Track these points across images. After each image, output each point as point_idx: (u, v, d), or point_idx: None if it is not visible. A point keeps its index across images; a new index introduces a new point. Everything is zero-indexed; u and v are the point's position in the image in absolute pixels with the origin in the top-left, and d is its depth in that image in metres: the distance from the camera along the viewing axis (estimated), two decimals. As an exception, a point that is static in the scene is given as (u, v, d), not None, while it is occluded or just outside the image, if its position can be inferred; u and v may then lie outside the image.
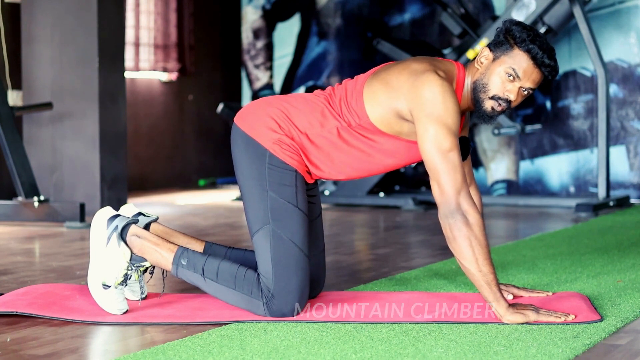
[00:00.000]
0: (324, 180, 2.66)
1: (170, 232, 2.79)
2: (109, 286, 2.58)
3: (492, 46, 2.59)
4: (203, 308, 2.65)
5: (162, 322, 2.52)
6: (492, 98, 2.58)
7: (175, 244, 2.66)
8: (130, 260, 2.61)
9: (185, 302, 2.75)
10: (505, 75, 2.56)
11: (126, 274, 2.61)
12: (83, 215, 4.98)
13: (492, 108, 2.59)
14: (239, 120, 2.68)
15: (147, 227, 2.74)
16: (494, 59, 2.58)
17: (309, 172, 2.67)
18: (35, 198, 5.05)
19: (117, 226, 2.61)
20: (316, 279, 2.78)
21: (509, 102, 2.57)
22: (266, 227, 2.57)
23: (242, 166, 2.63)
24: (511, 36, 2.56)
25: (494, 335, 2.33)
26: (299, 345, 2.25)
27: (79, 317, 2.54)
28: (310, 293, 2.73)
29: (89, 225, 4.79)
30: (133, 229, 2.64)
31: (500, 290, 2.49)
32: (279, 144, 2.60)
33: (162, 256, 2.63)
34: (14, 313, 2.57)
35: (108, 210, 2.66)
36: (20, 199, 5.10)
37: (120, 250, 2.59)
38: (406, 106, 2.55)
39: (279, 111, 2.63)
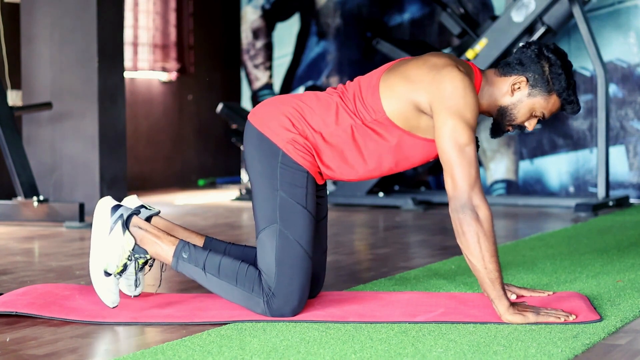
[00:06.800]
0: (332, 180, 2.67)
1: (171, 226, 2.79)
2: (110, 274, 2.58)
3: (530, 79, 2.62)
4: (202, 308, 2.65)
5: (162, 322, 2.52)
6: (512, 125, 2.68)
7: (177, 238, 2.67)
8: (132, 250, 2.61)
9: (184, 302, 2.75)
10: (534, 115, 2.65)
11: (125, 264, 2.60)
12: (82, 215, 4.98)
13: (508, 130, 2.70)
14: (253, 118, 2.67)
15: (148, 220, 2.74)
16: (529, 94, 2.62)
17: (320, 173, 2.67)
18: (35, 198, 5.05)
19: (122, 214, 2.61)
20: (316, 279, 2.78)
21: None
22: (273, 225, 2.57)
23: (254, 164, 2.63)
24: (552, 80, 2.61)
25: (493, 335, 2.33)
26: (299, 345, 2.25)
27: (78, 317, 2.54)
28: (309, 293, 2.73)
29: (89, 225, 4.79)
30: (135, 220, 2.64)
31: (503, 288, 2.49)
32: (292, 143, 2.59)
33: (163, 249, 2.63)
34: (14, 313, 2.56)
35: (110, 200, 2.66)
36: (19, 198, 5.10)
37: (124, 239, 2.60)
38: (426, 99, 2.55)
39: (294, 110, 2.63)
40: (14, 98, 5.82)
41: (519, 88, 2.62)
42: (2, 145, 5.09)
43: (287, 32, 7.90)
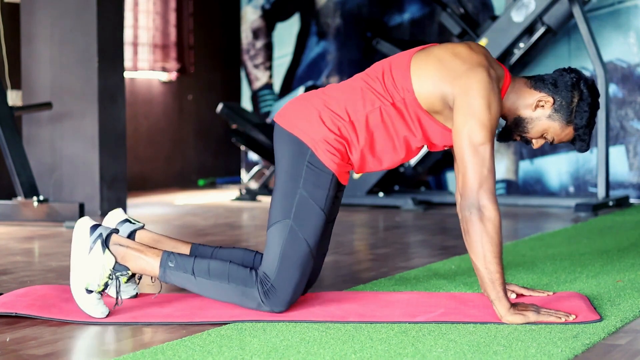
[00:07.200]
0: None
1: (157, 238, 2.80)
2: (92, 291, 2.56)
3: (556, 103, 2.63)
4: (202, 307, 2.65)
5: (162, 322, 2.52)
6: (521, 137, 2.70)
7: (160, 249, 2.66)
8: (113, 268, 2.59)
9: (184, 301, 2.75)
10: (545, 137, 2.68)
11: (106, 283, 2.57)
12: (82, 215, 4.98)
13: (515, 139, 2.72)
14: (280, 119, 2.68)
15: (132, 234, 2.75)
16: (549, 116, 2.64)
17: (347, 172, 2.68)
18: (35, 198, 5.05)
19: (101, 234, 2.59)
20: (310, 279, 2.79)
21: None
22: (286, 221, 2.59)
23: (282, 161, 2.65)
24: (575, 113, 2.63)
25: (493, 335, 2.33)
26: (299, 345, 2.25)
27: (78, 319, 2.53)
28: None
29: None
30: (115, 237, 2.63)
31: (504, 290, 2.48)
32: (322, 142, 2.60)
33: (148, 262, 2.61)
34: (13, 314, 2.56)
35: (88, 220, 2.64)
36: (19, 198, 5.10)
37: (104, 257, 2.57)
38: (451, 92, 2.56)
39: (321, 105, 2.64)
40: (14, 98, 5.82)
41: (542, 106, 2.64)
42: (2, 145, 5.09)
43: (287, 32, 7.90)
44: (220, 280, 2.60)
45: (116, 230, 2.65)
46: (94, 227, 2.60)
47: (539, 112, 2.64)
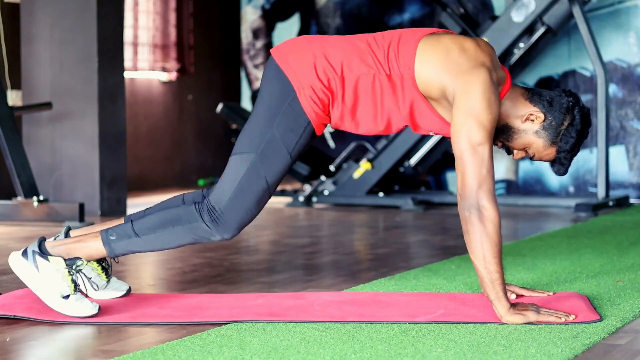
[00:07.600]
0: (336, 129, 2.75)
1: (86, 229, 2.80)
2: (68, 295, 2.55)
3: (547, 121, 2.62)
4: (202, 307, 2.65)
5: (161, 322, 2.52)
6: (504, 144, 2.69)
7: (96, 231, 2.67)
8: (66, 265, 2.57)
9: (184, 301, 2.75)
10: (527, 150, 2.68)
11: (73, 280, 2.56)
12: (82, 215, 4.98)
13: (496, 144, 2.71)
14: (278, 53, 2.68)
15: (67, 235, 2.75)
16: (536, 132, 2.63)
17: (324, 125, 2.69)
18: (35, 198, 5.05)
19: (33, 250, 2.60)
20: None
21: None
22: (251, 155, 2.63)
23: (265, 94, 2.66)
24: (562, 136, 2.62)
25: (493, 335, 2.33)
26: (299, 345, 2.25)
27: (78, 320, 2.53)
28: None
29: (90, 224, 4.78)
30: (48, 244, 2.64)
31: (504, 290, 2.48)
32: (308, 89, 2.61)
33: (90, 246, 2.64)
34: (12, 317, 2.55)
35: (14, 252, 2.63)
36: (19, 198, 5.10)
37: (52, 263, 2.57)
38: (452, 86, 2.55)
39: (320, 53, 2.64)
40: (14, 98, 5.82)
41: (532, 120, 2.63)
42: (2, 145, 5.09)
43: (287, 32, 7.90)
44: (164, 229, 2.64)
45: (43, 238, 2.66)
46: (24, 252, 2.61)
47: (527, 125, 2.64)
